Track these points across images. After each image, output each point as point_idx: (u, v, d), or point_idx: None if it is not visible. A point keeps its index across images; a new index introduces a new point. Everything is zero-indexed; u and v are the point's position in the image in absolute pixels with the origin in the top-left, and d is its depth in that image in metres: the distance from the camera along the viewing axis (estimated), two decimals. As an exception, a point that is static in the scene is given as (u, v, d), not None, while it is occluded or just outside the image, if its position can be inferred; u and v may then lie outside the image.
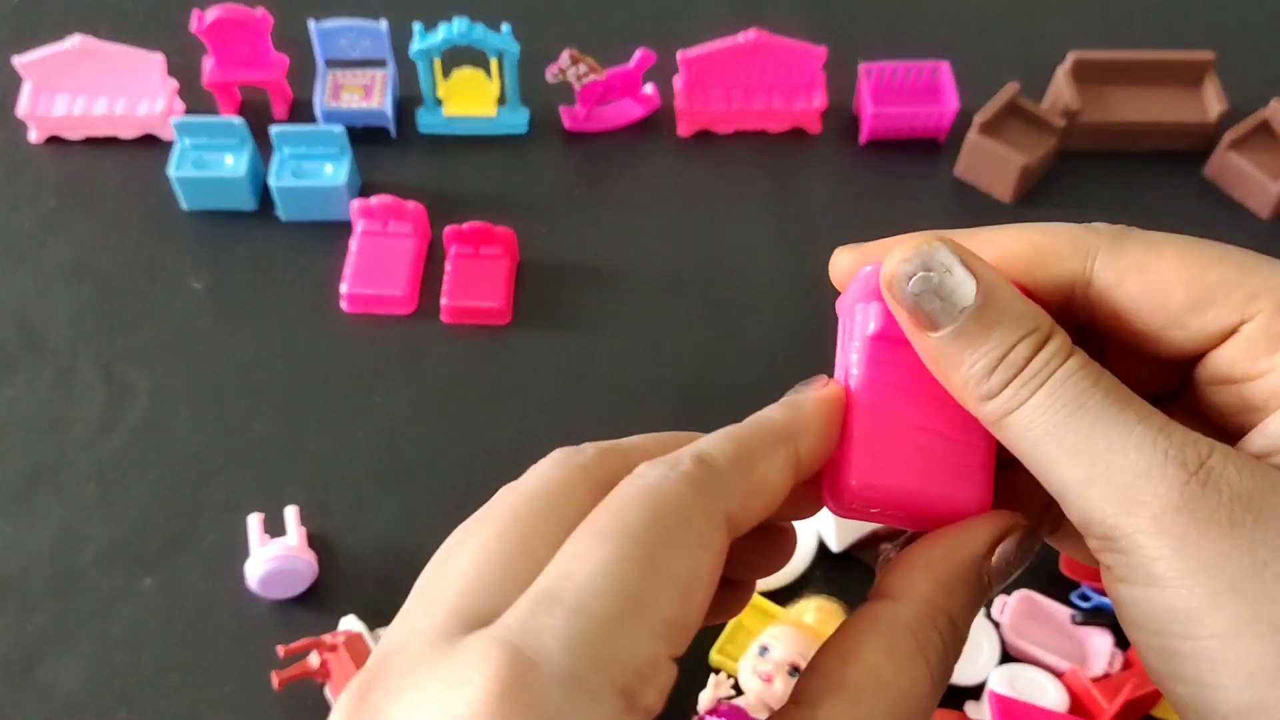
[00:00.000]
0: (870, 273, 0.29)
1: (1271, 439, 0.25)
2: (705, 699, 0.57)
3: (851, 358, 0.29)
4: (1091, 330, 0.28)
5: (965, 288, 0.26)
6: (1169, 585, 0.23)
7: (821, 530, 0.65)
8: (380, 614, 0.60)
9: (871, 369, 0.28)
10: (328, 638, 0.59)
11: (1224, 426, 0.27)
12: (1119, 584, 0.25)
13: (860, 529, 0.65)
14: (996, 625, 0.61)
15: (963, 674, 0.60)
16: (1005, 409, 0.25)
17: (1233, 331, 0.26)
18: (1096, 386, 0.25)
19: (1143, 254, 0.27)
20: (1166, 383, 0.28)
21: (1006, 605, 0.61)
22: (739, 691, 0.58)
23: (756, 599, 0.62)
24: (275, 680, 0.58)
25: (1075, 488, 0.25)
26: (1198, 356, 0.27)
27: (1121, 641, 0.60)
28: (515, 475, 0.75)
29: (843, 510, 0.29)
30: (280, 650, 0.58)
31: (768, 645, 0.57)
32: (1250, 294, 0.26)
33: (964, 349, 0.26)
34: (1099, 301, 0.27)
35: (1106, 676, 0.59)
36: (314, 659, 0.58)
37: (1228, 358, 0.26)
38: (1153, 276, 0.26)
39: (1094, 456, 0.24)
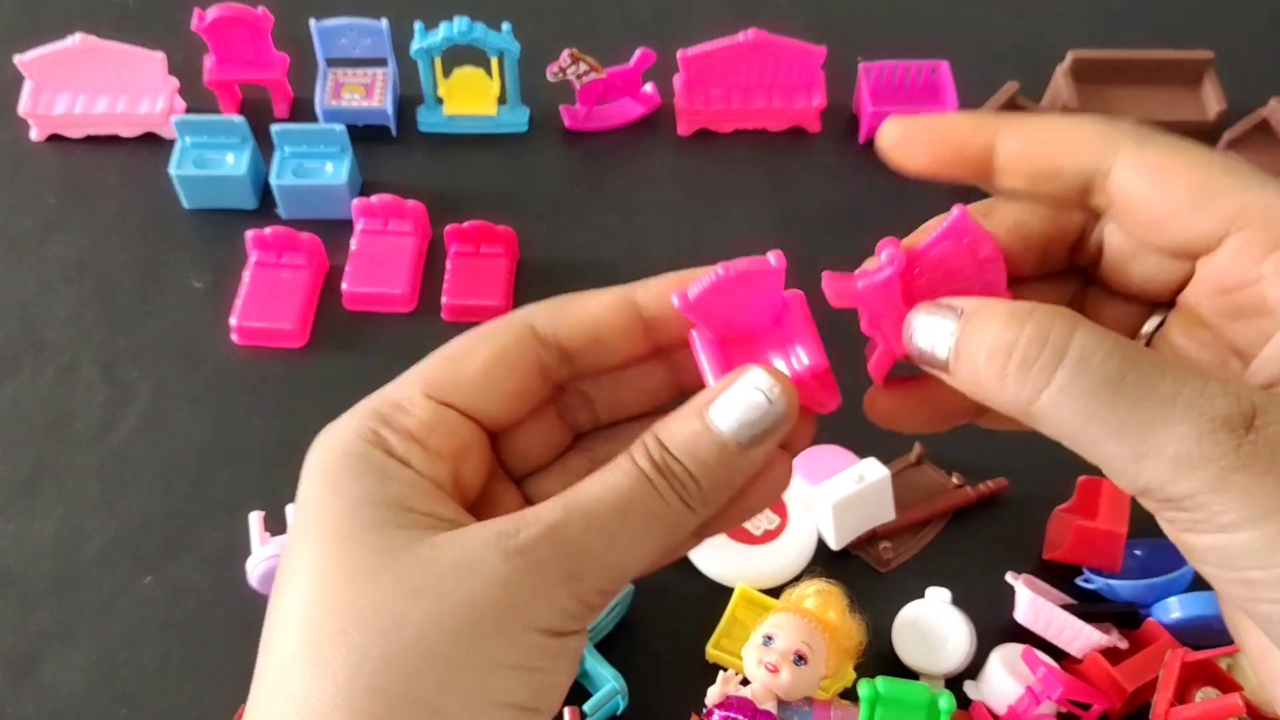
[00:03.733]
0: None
1: (1275, 363, 0.28)
2: (713, 694, 0.58)
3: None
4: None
5: (943, 345, 0.29)
6: (1240, 530, 0.26)
7: (821, 529, 0.65)
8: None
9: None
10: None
11: (1221, 332, 0.30)
12: (1187, 534, 0.27)
13: (859, 527, 0.65)
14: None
15: (948, 660, 0.61)
16: (1029, 399, 0.28)
17: (1223, 238, 0.29)
18: (1125, 363, 0.26)
19: (1160, 153, 0.29)
20: (1169, 282, 0.31)
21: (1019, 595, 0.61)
22: (745, 685, 0.58)
23: (751, 593, 0.62)
24: None
25: (1129, 464, 0.27)
26: (1195, 257, 0.30)
27: (1122, 625, 0.61)
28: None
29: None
30: None
31: (772, 634, 0.57)
32: (1242, 206, 0.28)
33: (969, 371, 0.29)
34: (1115, 190, 0.30)
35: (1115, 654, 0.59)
36: None
37: (1220, 264, 0.29)
38: (1165, 175, 0.29)
39: (1142, 434, 0.26)
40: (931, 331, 0.30)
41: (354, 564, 0.28)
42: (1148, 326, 0.32)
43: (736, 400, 0.30)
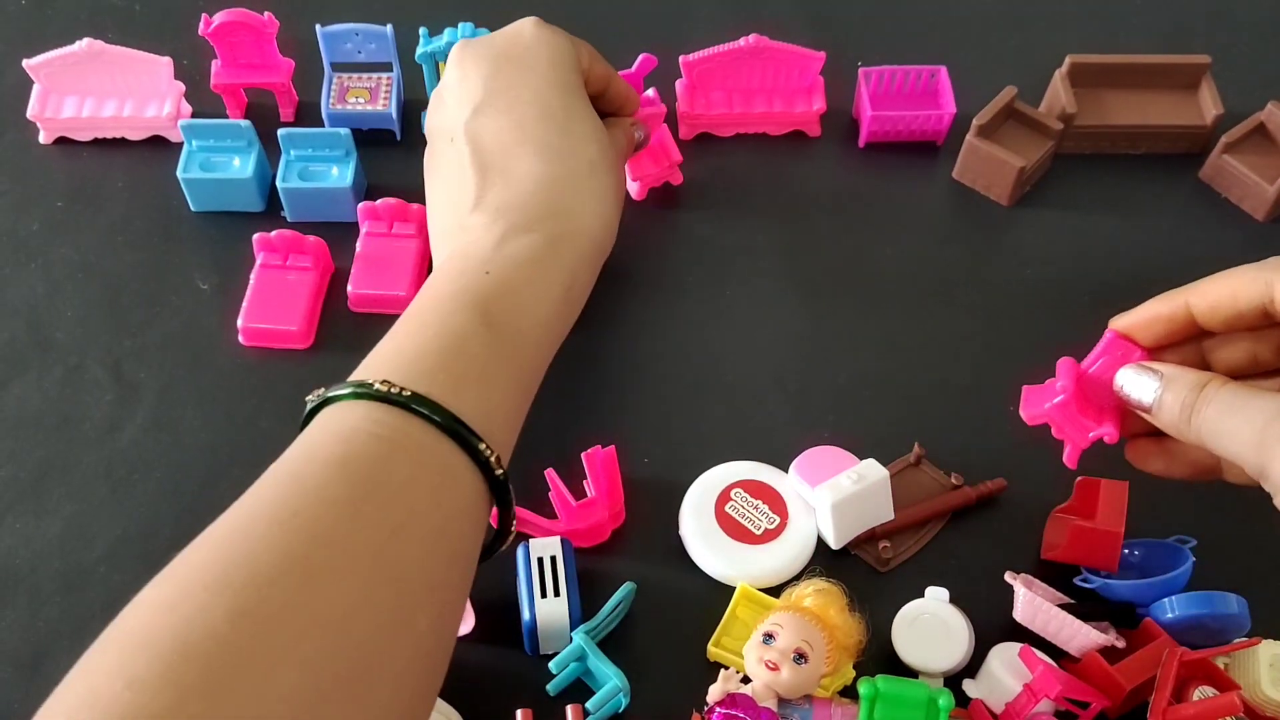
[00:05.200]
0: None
1: None
2: (715, 691, 0.58)
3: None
4: None
5: (1150, 389, 0.47)
6: None
7: (821, 528, 0.66)
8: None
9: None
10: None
11: None
12: None
13: (859, 527, 0.66)
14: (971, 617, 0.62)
15: (947, 659, 0.61)
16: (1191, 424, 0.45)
17: None
18: (1242, 392, 0.43)
19: None
20: None
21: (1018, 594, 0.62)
22: (746, 683, 0.58)
23: (751, 592, 0.63)
24: None
25: (1250, 453, 0.41)
26: None
27: (1120, 624, 0.61)
28: (517, 471, 0.76)
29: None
30: None
31: (772, 633, 0.57)
32: None
33: (1160, 411, 0.47)
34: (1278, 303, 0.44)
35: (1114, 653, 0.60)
36: None
37: None
38: None
39: (1254, 430, 0.41)
40: (1139, 387, 0.47)
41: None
42: None
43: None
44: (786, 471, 0.68)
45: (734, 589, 0.63)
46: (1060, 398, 0.47)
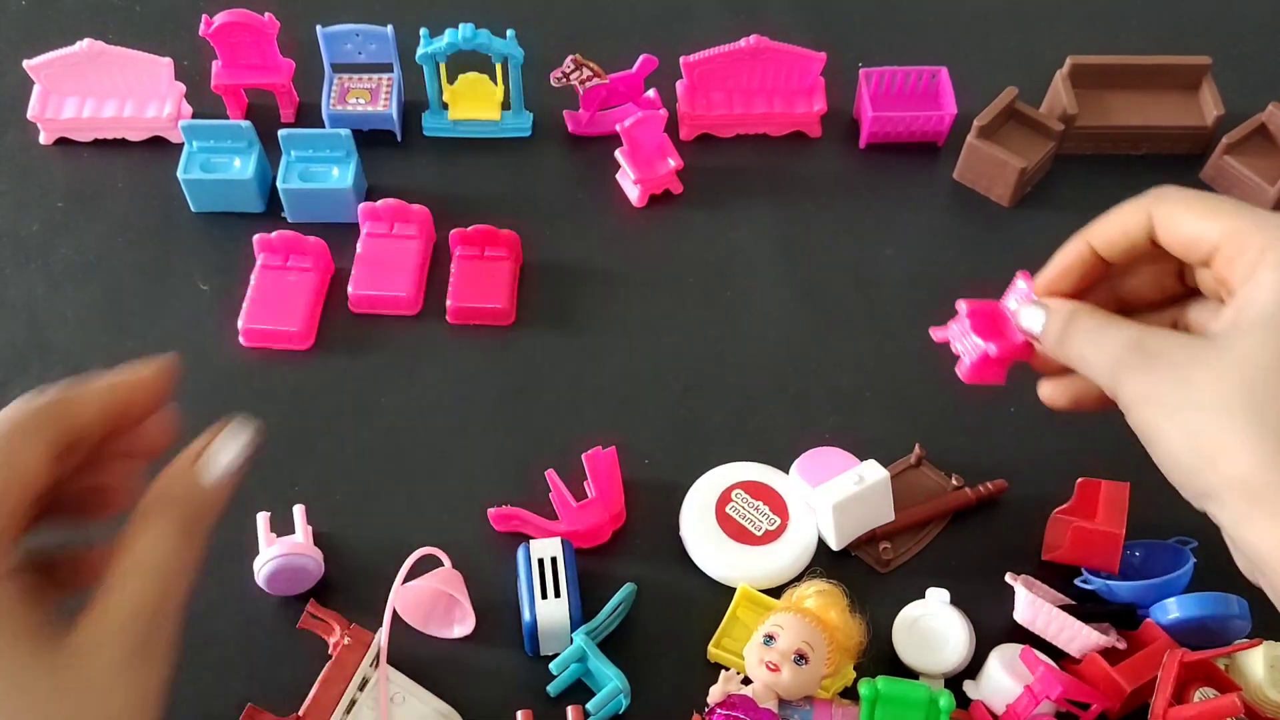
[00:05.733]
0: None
1: (1224, 320, 0.43)
2: (715, 692, 0.58)
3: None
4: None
5: (1038, 319, 0.49)
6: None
7: (821, 529, 0.66)
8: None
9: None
10: (349, 629, 0.60)
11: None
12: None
13: (859, 528, 0.66)
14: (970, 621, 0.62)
15: (948, 660, 0.61)
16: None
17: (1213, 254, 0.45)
18: (1102, 320, 0.47)
19: (1173, 201, 0.47)
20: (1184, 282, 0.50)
21: (1018, 595, 0.62)
22: (747, 684, 0.58)
23: (752, 593, 0.63)
24: (303, 617, 0.60)
25: (1105, 376, 0.46)
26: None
27: (1120, 625, 0.61)
28: (518, 472, 0.76)
29: None
30: (310, 605, 0.60)
31: (773, 634, 0.57)
32: (1241, 236, 0.44)
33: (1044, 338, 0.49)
34: (1158, 230, 0.47)
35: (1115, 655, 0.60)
36: (336, 634, 0.60)
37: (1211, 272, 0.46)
38: (1175, 210, 0.46)
39: (1109, 355, 0.45)
40: (1029, 317, 0.49)
41: None
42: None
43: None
44: (787, 472, 0.68)
45: (734, 590, 0.63)
46: (965, 323, 0.53)
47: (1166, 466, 0.44)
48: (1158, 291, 0.50)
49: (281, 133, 0.77)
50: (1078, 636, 0.59)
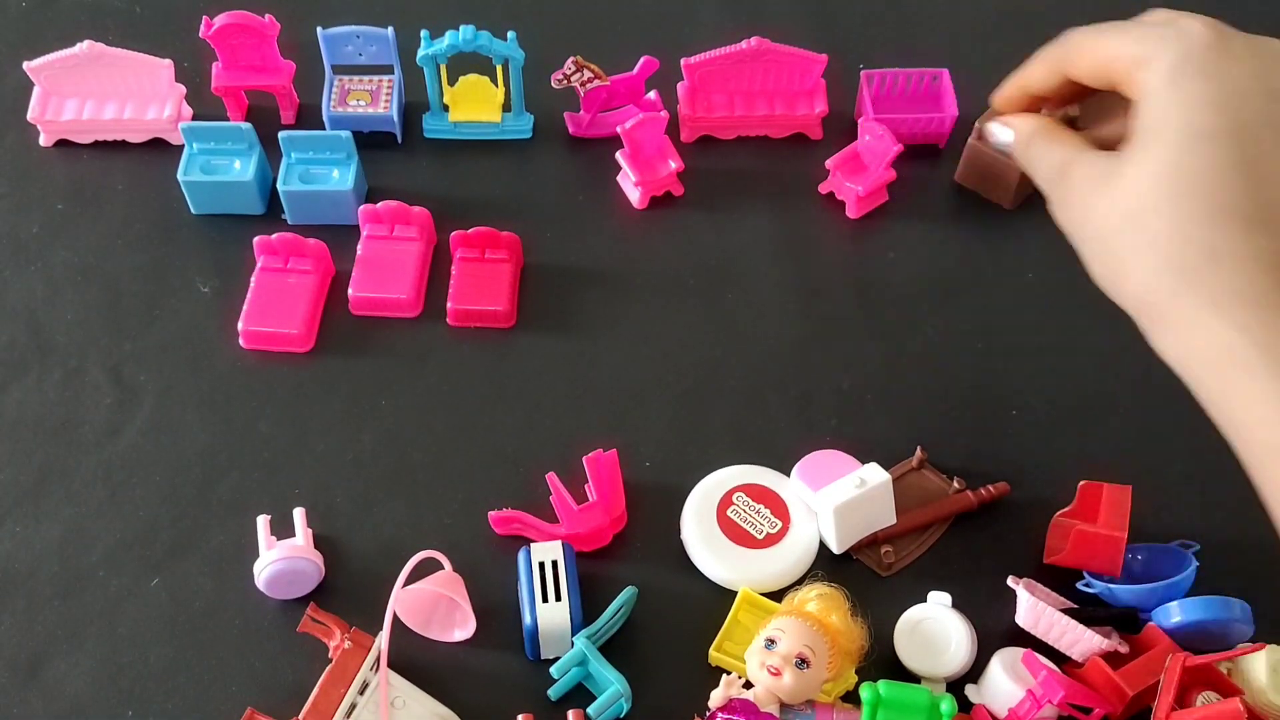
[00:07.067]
0: None
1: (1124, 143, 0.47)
2: (717, 696, 0.58)
3: None
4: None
5: (1009, 135, 0.53)
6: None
7: (823, 533, 0.66)
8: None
9: None
10: (349, 632, 0.60)
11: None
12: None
13: (861, 531, 0.66)
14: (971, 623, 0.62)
15: (949, 664, 0.61)
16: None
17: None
18: (1053, 135, 0.51)
19: (1088, 35, 0.51)
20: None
21: (1020, 599, 0.61)
22: (748, 688, 0.58)
23: (753, 596, 0.63)
24: (303, 621, 0.60)
25: (1049, 186, 0.50)
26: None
27: (1122, 629, 0.61)
28: (519, 475, 0.76)
29: None
30: (311, 609, 0.60)
31: (774, 638, 0.57)
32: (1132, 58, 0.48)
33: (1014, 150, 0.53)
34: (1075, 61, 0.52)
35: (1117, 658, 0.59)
36: (336, 638, 0.60)
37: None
38: (1083, 42, 0.52)
39: (1053, 165, 0.50)
40: (1001, 134, 0.53)
41: None
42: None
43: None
44: (788, 475, 0.68)
45: (736, 593, 0.63)
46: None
47: (1098, 284, 0.48)
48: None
49: (282, 135, 0.77)
50: (1080, 640, 0.59)
